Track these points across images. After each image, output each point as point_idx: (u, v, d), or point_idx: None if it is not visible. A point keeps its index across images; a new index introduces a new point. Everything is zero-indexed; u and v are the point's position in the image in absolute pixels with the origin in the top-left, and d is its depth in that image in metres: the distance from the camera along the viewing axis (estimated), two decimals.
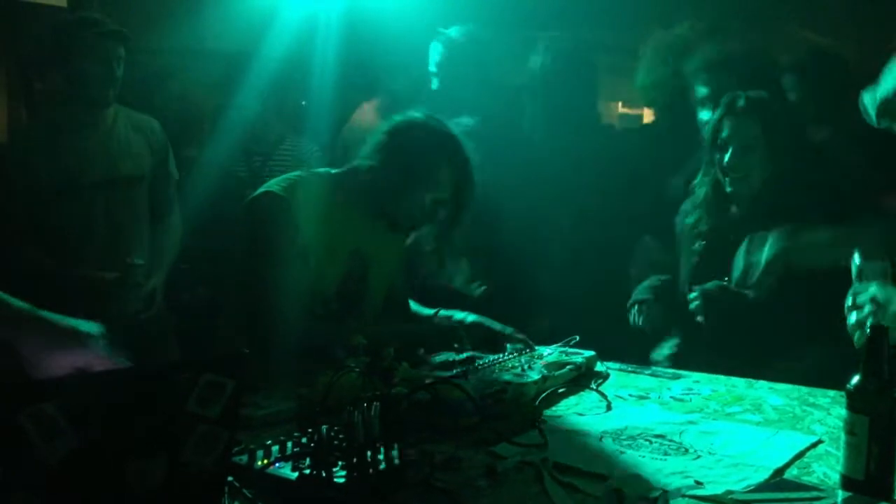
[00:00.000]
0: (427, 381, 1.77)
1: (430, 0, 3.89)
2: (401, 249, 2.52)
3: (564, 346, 2.32)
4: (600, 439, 1.68)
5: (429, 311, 2.49)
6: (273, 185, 2.25)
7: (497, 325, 2.38)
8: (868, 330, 1.42)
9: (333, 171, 2.40)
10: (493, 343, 2.32)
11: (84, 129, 2.98)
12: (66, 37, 2.93)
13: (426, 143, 2.26)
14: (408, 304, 2.56)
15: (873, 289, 1.77)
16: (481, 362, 2.08)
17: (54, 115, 3.06)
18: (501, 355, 2.18)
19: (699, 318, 2.50)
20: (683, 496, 1.40)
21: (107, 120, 3.04)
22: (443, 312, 2.45)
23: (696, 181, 2.68)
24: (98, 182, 2.96)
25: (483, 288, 2.68)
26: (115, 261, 2.95)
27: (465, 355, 2.15)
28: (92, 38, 2.90)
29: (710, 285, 2.50)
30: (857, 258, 1.86)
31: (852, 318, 1.78)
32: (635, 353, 2.44)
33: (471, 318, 2.40)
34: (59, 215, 2.92)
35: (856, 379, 1.41)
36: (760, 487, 1.44)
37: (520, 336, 2.34)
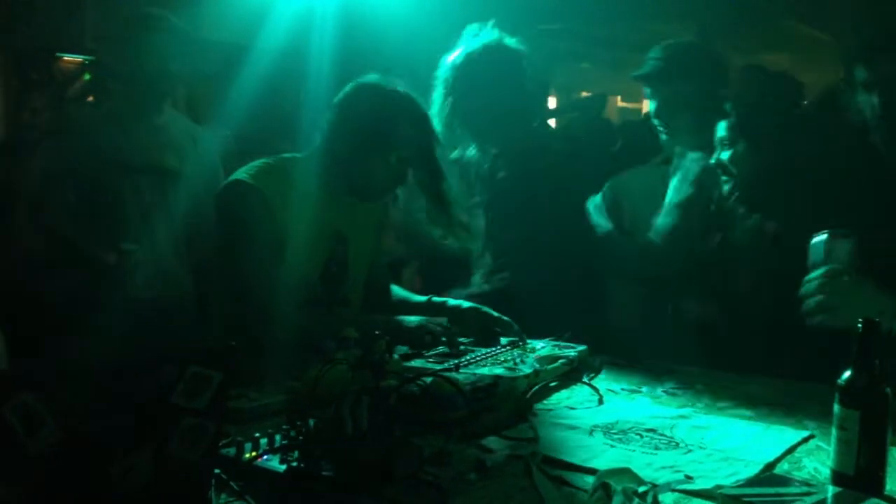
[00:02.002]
0: (417, 374, 1.77)
1: None
2: (375, 226, 2.48)
3: (557, 340, 2.32)
4: (591, 433, 1.68)
5: (421, 299, 2.46)
6: (242, 173, 2.21)
7: (493, 313, 2.35)
8: (859, 325, 1.41)
9: (299, 154, 2.35)
10: (489, 330, 2.30)
11: (140, 118, 3.08)
12: (129, 30, 3.04)
13: (377, 103, 2.21)
14: (388, 288, 2.53)
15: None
16: (473, 355, 2.08)
17: (114, 104, 3.13)
18: (493, 348, 2.17)
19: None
20: (673, 490, 1.39)
21: (161, 114, 3.13)
22: (436, 299, 2.42)
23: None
24: (143, 168, 3.04)
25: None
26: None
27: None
28: (152, 34, 2.99)
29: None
30: (824, 237, 1.85)
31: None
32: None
33: (466, 304, 2.38)
34: (103, 193, 2.98)
35: (847, 374, 1.40)
36: (750, 482, 1.43)
37: (515, 326, 2.32)
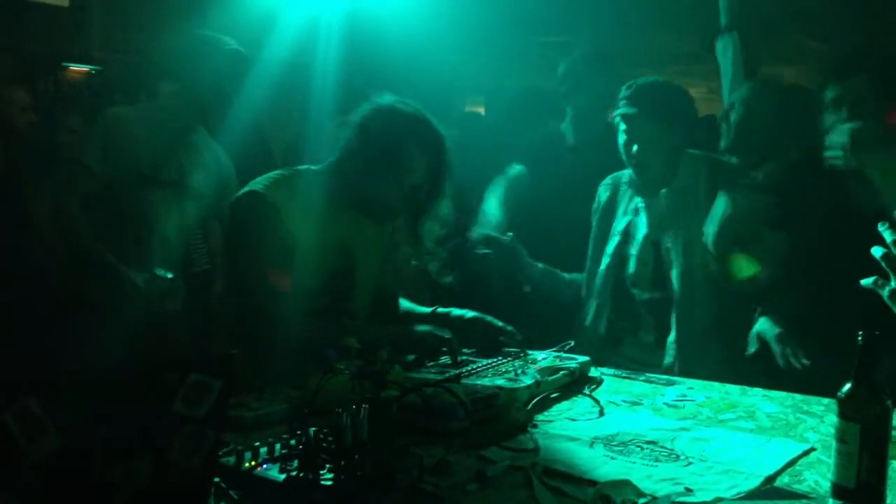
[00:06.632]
0: (418, 384, 1.77)
1: (431, 3, 3.91)
2: (385, 243, 2.49)
3: (559, 351, 2.32)
4: (591, 445, 1.68)
5: (425, 310, 2.47)
6: (256, 184, 2.23)
7: (497, 323, 2.35)
8: (860, 338, 1.41)
9: (314, 167, 2.36)
10: (492, 340, 2.30)
11: (180, 134, 3.12)
12: (187, 49, 3.08)
13: (394, 128, 2.22)
14: (397, 301, 2.53)
15: None
16: (474, 366, 2.08)
17: (158, 115, 3.16)
18: (495, 359, 2.17)
19: None
20: (673, 503, 1.39)
21: (196, 132, 3.18)
22: (440, 310, 2.43)
23: None
24: (171, 181, 3.08)
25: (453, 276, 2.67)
26: (163, 260, 3.06)
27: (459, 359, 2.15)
28: (211, 56, 3.03)
29: None
30: None
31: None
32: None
33: (469, 314, 2.38)
34: (132, 203, 3.01)
35: (847, 386, 1.40)
36: (751, 495, 1.43)
37: (518, 336, 2.32)
